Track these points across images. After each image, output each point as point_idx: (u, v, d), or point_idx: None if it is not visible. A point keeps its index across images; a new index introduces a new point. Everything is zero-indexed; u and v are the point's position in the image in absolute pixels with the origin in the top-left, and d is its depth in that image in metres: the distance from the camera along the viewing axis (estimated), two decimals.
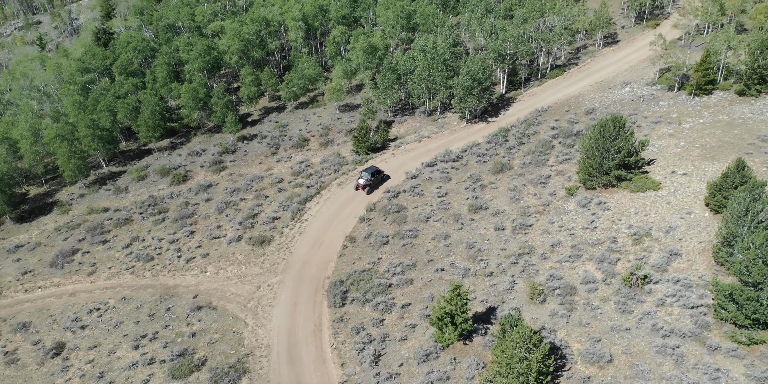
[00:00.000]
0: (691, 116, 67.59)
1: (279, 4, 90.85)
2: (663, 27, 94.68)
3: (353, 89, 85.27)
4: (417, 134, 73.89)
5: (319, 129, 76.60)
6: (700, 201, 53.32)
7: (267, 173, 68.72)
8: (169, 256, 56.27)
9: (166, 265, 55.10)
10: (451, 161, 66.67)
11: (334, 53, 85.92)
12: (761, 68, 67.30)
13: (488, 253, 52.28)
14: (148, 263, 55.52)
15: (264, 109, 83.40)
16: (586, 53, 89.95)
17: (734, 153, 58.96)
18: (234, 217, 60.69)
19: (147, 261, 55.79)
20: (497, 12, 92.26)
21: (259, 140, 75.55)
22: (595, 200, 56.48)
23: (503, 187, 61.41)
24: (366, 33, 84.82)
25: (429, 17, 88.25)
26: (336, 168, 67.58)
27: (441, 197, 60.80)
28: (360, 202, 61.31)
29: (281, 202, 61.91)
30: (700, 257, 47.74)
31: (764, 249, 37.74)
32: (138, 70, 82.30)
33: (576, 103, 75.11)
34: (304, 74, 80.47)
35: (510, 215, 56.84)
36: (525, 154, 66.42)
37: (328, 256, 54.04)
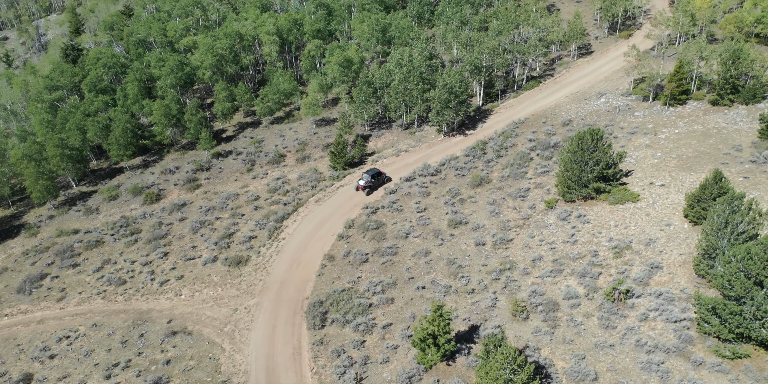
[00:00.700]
0: (666, 126, 67.92)
1: (253, 18, 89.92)
2: (636, 37, 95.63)
3: (329, 103, 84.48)
4: (394, 148, 73.21)
5: (295, 144, 75.55)
6: (678, 212, 53.27)
7: (243, 191, 67.39)
8: (142, 279, 54.58)
9: (139, 288, 53.39)
10: (429, 175, 66.03)
11: (309, 67, 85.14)
12: (733, 78, 68.02)
13: (469, 269, 51.54)
14: (121, 287, 53.76)
15: (239, 124, 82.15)
16: (561, 64, 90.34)
17: (710, 163, 59.20)
18: (209, 237, 59.22)
19: (119, 285, 54.02)
20: (472, 24, 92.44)
21: (235, 157, 74.23)
22: (575, 213, 56.17)
23: (482, 201, 60.88)
24: (341, 46, 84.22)
25: (404, 30, 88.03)
26: (313, 184, 66.50)
27: (420, 212, 60.05)
28: (338, 218, 60.28)
29: (258, 220, 60.61)
30: (681, 270, 47.53)
31: (746, 262, 37.52)
32: (108, 87, 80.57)
33: (553, 115, 75.14)
34: (280, 89, 79.49)
35: (490, 230, 56.25)
36: (503, 167, 66.06)
37: (307, 276, 52.85)
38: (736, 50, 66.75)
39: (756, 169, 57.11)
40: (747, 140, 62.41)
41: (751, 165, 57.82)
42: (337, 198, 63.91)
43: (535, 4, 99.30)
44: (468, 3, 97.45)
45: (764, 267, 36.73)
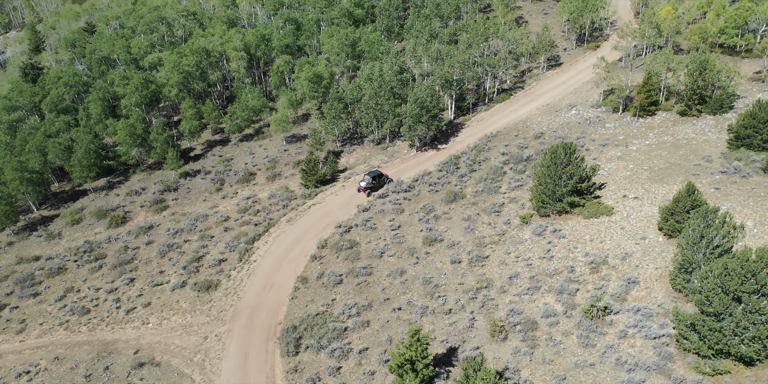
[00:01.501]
0: (637, 138, 68.16)
1: (219, 34, 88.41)
2: (603, 49, 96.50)
3: (300, 119, 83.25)
4: (367, 164, 72.19)
5: (265, 162, 74.05)
6: (653, 225, 53.11)
7: (212, 211, 65.61)
8: (107, 307, 52.40)
9: (104, 317, 51.20)
10: (402, 192, 65.12)
11: (278, 83, 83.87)
12: (700, 89, 68.66)
13: (446, 288, 50.57)
14: (84, 317, 51.51)
15: (207, 142, 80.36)
16: (531, 76, 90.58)
17: (682, 174, 59.37)
18: (177, 261, 57.31)
19: (83, 314, 51.76)
20: (442, 37, 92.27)
21: (203, 176, 72.41)
22: (550, 228, 55.69)
23: (457, 217, 60.12)
24: (310, 62, 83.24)
25: (374, 44, 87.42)
26: (284, 203, 65.06)
27: (394, 230, 59.01)
28: (311, 238, 58.89)
29: (228, 242, 58.91)
30: (657, 284, 47.18)
31: (723, 278, 37.19)
32: (70, 106, 78.16)
33: (524, 128, 75.00)
34: (248, 105, 78.05)
35: (465, 247, 55.43)
36: (477, 181, 65.49)
37: (280, 300, 51.29)
38: (703, 61, 67.45)
39: (726, 180, 57.39)
40: (716, 151, 62.84)
41: (722, 176, 58.11)
42: (310, 217, 62.56)
43: (503, 17, 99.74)
44: (437, 16, 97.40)
45: (742, 282, 36.43)
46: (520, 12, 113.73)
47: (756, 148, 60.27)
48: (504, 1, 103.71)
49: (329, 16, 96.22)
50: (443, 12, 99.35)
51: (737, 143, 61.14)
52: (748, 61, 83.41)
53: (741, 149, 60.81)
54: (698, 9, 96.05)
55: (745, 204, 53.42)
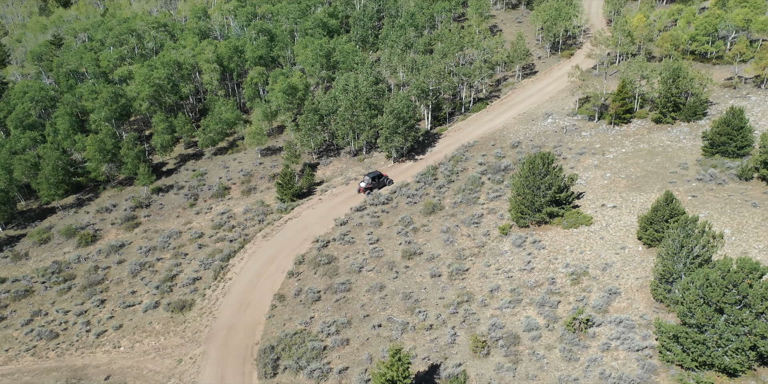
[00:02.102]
0: (613, 146, 68.22)
1: (191, 46, 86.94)
2: (577, 57, 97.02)
3: (275, 131, 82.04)
4: (344, 176, 71.22)
5: (240, 176, 72.67)
6: (632, 235, 52.90)
7: (186, 228, 64.00)
8: (76, 330, 50.47)
9: (74, 342, 49.28)
10: (380, 204, 64.23)
11: (252, 95, 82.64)
12: (674, 96, 69.05)
13: (426, 303, 49.66)
14: (52, 341, 49.52)
15: (180, 156, 78.69)
16: (506, 85, 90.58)
17: (659, 182, 59.40)
18: (150, 281, 55.62)
19: (51, 339, 49.77)
20: (417, 47, 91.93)
21: (176, 191, 70.75)
22: (530, 239, 55.18)
23: (436, 229, 59.36)
24: (285, 73, 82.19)
25: (349, 55, 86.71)
26: (260, 218, 63.72)
27: (373, 244, 58.03)
28: (288, 254, 57.62)
29: (202, 259, 57.37)
30: (638, 295, 46.82)
31: (705, 289, 36.86)
32: (37, 122, 75.97)
33: (501, 137, 74.72)
34: (222, 118, 76.67)
35: (445, 260, 54.65)
36: (455, 192, 64.87)
37: (256, 319, 49.89)
38: (676, 69, 67.87)
39: (703, 187, 57.52)
40: (692, 158, 63.08)
41: (698, 183, 58.24)
42: (286, 232, 61.31)
43: (478, 26, 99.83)
44: (412, 26, 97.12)
45: (724, 293, 36.13)
46: (494, 20, 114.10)
47: (730, 155, 60.59)
48: (478, 10, 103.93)
49: (303, 27, 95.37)
50: (418, 21, 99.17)
51: (712, 150, 61.43)
52: (719, 67, 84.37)
53: (716, 156, 61.10)
54: (669, 16, 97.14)
55: (722, 211, 53.50)
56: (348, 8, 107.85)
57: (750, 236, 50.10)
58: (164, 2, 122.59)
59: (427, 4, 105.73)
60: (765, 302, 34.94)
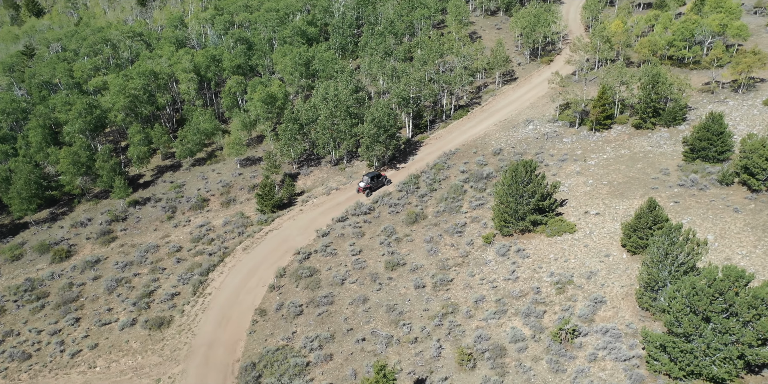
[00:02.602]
0: (595, 152, 68.12)
1: (167, 55, 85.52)
2: (557, 63, 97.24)
3: (254, 141, 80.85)
4: (325, 186, 70.26)
5: (219, 187, 71.36)
6: (616, 242, 52.59)
7: (163, 241, 62.54)
8: (50, 351, 48.78)
9: (47, 363, 47.61)
10: (362, 214, 63.35)
11: (230, 105, 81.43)
12: (654, 102, 69.22)
13: (410, 315, 48.82)
14: (25, 363, 47.81)
15: (157, 168, 77.13)
16: (487, 92, 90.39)
17: (641, 189, 59.28)
18: (127, 297, 54.08)
19: (23, 360, 48.05)
20: (397, 55, 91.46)
21: (153, 204, 69.22)
22: (514, 248, 54.66)
23: (419, 239, 58.62)
24: (263, 82, 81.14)
25: (328, 63, 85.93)
26: (240, 230, 62.48)
27: (355, 255, 57.11)
28: (269, 267, 56.44)
29: (181, 274, 55.98)
30: (624, 303, 46.42)
31: (692, 298, 36.48)
32: (8, 134, 73.90)
33: (483, 144, 74.33)
34: (200, 128, 75.36)
35: (429, 270, 53.90)
36: (438, 201, 64.23)
37: (237, 335, 48.64)
38: (655, 75, 68.05)
39: (685, 193, 57.49)
40: (673, 163, 63.13)
41: (680, 189, 58.22)
42: (267, 244, 60.14)
43: (457, 33, 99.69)
44: (391, 33, 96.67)
45: (711, 302, 35.77)
46: (474, 27, 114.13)
47: (711, 160, 60.72)
48: (457, 17, 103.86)
49: (282, 35, 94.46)
50: (397, 29, 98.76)
51: (693, 155, 61.53)
52: (696, 72, 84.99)
53: (697, 161, 61.19)
54: (646, 22, 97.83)
55: (705, 217, 53.44)
56: (327, 16, 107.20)
57: (733, 242, 50.03)
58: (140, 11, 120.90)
59: (406, 12, 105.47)
60: (751, 310, 34.63)
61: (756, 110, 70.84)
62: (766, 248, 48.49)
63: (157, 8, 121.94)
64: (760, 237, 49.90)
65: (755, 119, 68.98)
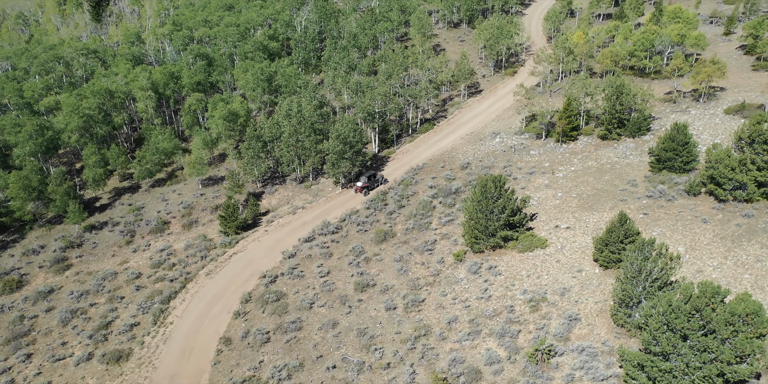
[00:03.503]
0: (562, 164, 67.72)
1: (124, 72, 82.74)
2: (521, 74, 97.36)
3: (216, 160, 78.49)
4: (290, 205, 68.33)
5: (180, 208, 68.81)
6: (588, 256, 51.88)
7: (122, 268, 59.73)
8: None
9: None
10: (330, 234, 61.58)
11: (191, 123, 79.02)
12: (618, 112, 69.31)
13: (382, 339, 47.15)
14: None
15: (114, 190, 74.12)
16: (452, 105, 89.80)
17: (610, 201, 58.90)
18: (83, 329, 51.18)
19: None
20: (361, 69, 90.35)
21: (111, 228, 66.31)
22: (486, 265, 53.53)
23: (389, 258, 57.11)
24: (224, 99, 79.02)
25: (291, 78, 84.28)
26: (203, 254, 60.09)
27: (324, 277, 55.28)
28: (233, 292, 54.17)
29: (140, 303, 53.31)
30: (599, 320, 45.55)
31: (669, 316, 35.67)
32: None
33: (450, 158, 73.41)
34: (159, 148, 72.79)
35: (400, 290, 52.37)
36: (406, 218, 62.88)
37: (201, 366, 46.26)
38: (619, 86, 68.19)
39: (653, 204, 57.26)
40: (640, 174, 63.01)
41: (649, 200, 57.99)
42: (231, 268, 57.87)
43: (421, 46, 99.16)
44: (355, 47, 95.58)
45: (688, 320, 35.01)
46: (437, 40, 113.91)
47: (677, 170, 60.76)
48: (421, 29, 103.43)
49: (243, 50, 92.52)
50: (360, 42, 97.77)
51: (659, 166, 61.52)
52: (658, 82, 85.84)
53: (663, 172, 61.17)
54: (607, 33, 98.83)
55: (674, 229, 53.18)
56: (289, 30, 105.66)
57: (703, 253, 49.76)
58: (95, 27, 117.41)
59: (369, 25, 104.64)
60: (729, 327, 33.93)
61: (718, 119, 71.54)
62: (736, 259, 48.31)
63: (113, 24, 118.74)
64: (729, 248, 49.75)
65: (717, 128, 69.59)
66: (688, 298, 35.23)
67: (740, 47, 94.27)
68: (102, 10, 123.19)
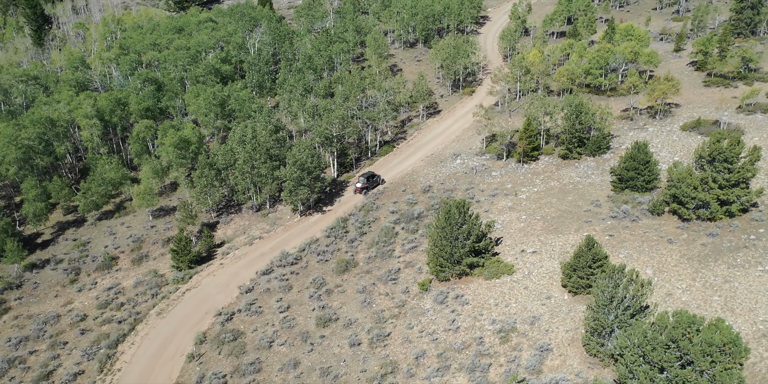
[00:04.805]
0: (525, 185, 66.69)
1: (66, 100, 78.70)
2: (479, 93, 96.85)
3: (167, 190, 74.95)
4: (247, 235, 65.33)
5: (129, 242, 65.04)
6: (556, 282, 50.48)
7: (65, 310, 55.68)
8: None
9: None
10: (289, 265, 58.88)
11: (139, 151, 75.37)
12: (578, 132, 68.87)
13: (347, 378, 44.61)
14: None
15: (58, 224, 69.76)
16: (411, 126, 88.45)
17: (575, 222, 57.88)
18: (21, 381, 47.10)
19: None
20: (317, 91, 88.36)
21: (54, 266, 62.10)
22: (452, 294, 51.62)
23: (351, 289, 54.70)
24: (175, 125, 75.77)
25: (245, 102, 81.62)
26: (154, 292, 56.53)
27: (283, 312, 52.47)
28: (187, 332, 50.82)
29: (85, 348, 49.47)
30: (571, 349, 43.95)
31: (645, 347, 34.20)
32: None
33: (411, 181, 71.67)
34: (106, 178, 69.00)
35: (364, 324, 49.96)
36: (368, 246, 60.64)
37: None
38: (578, 104, 67.83)
39: (618, 225, 56.46)
40: (603, 194, 62.33)
41: (613, 221, 57.18)
42: (184, 306, 54.52)
43: (378, 66, 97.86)
44: (310, 69, 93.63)
45: (665, 351, 33.58)
46: (394, 60, 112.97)
47: (640, 190, 60.28)
48: (377, 50, 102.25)
49: (194, 74, 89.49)
50: (316, 64, 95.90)
51: (621, 185, 60.96)
52: (614, 99, 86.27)
53: (626, 191, 60.61)
54: (562, 51, 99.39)
55: (641, 250, 52.32)
56: (242, 53, 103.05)
57: (671, 275, 48.90)
58: (36, 52, 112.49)
59: (324, 46, 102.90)
60: (707, 358, 32.61)
61: (675, 136, 71.83)
62: (704, 281, 47.56)
63: (56, 49, 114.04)
64: (697, 269, 49.02)
65: (675, 145, 69.79)
66: (664, 329, 33.87)
67: (691, 63, 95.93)
68: (44, 34, 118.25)
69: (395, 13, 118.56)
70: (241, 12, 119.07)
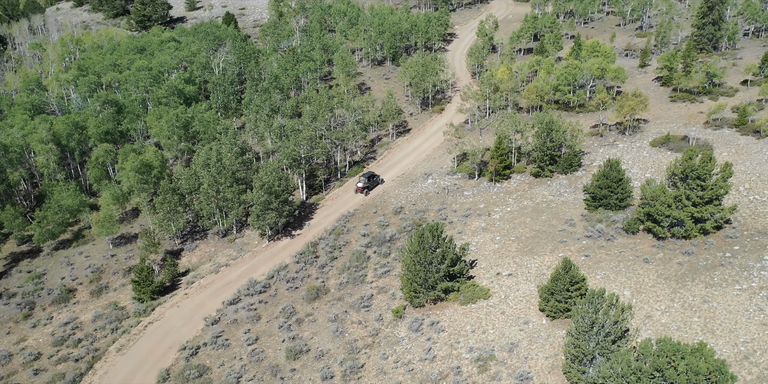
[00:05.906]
0: (497, 205, 65.58)
1: (20, 124, 75.43)
2: (448, 111, 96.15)
3: (129, 216, 71.97)
4: (213, 262, 62.75)
5: (88, 273, 61.89)
6: (533, 306, 49.09)
7: (17, 348, 52.30)
8: None
9: None
10: (257, 293, 56.49)
11: (99, 176, 72.35)
12: (550, 149, 68.23)
13: None
14: None
15: (11, 256, 66.21)
16: (381, 145, 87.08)
17: (550, 243, 56.79)
18: None
19: None
20: (284, 111, 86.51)
21: (6, 301, 58.64)
22: (427, 320, 49.85)
23: (322, 318, 52.57)
24: (136, 149, 73.11)
25: (209, 123, 79.37)
26: (114, 326, 53.51)
27: (251, 345, 50.04)
28: (149, 370, 47.97)
29: None
30: (551, 377, 42.43)
31: (630, 377, 32.80)
32: None
33: (382, 203, 70.02)
34: (62, 206, 65.90)
35: (337, 355, 47.82)
36: (339, 271, 58.64)
37: None
38: (549, 122, 67.27)
39: (594, 245, 55.52)
40: (576, 213, 61.51)
41: (588, 241, 56.24)
42: (147, 340, 51.63)
43: (346, 85, 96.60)
44: (276, 89, 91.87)
45: (650, 381, 32.23)
46: (362, 78, 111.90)
47: (613, 208, 59.62)
48: (345, 68, 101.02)
49: (156, 96, 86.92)
50: (282, 84, 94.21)
51: (595, 204, 60.23)
52: (583, 115, 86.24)
53: (599, 210, 59.87)
54: (530, 68, 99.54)
55: (618, 270, 51.36)
56: (206, 73, 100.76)
57: (650, 296, 47.91)
58: None
59: (291, 65, 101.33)
60: None
61: (645, 152, 71.69)
62: (683, 301, 46.66)
63: (11, 70, 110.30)
64: (675, 289, 48.16)
65: (646, 161, 69.58)
66: (648, 357, 32.57)
67: (656, 79, 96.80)
68: None
69: (362, 30, 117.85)
70: (205, 31, 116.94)
